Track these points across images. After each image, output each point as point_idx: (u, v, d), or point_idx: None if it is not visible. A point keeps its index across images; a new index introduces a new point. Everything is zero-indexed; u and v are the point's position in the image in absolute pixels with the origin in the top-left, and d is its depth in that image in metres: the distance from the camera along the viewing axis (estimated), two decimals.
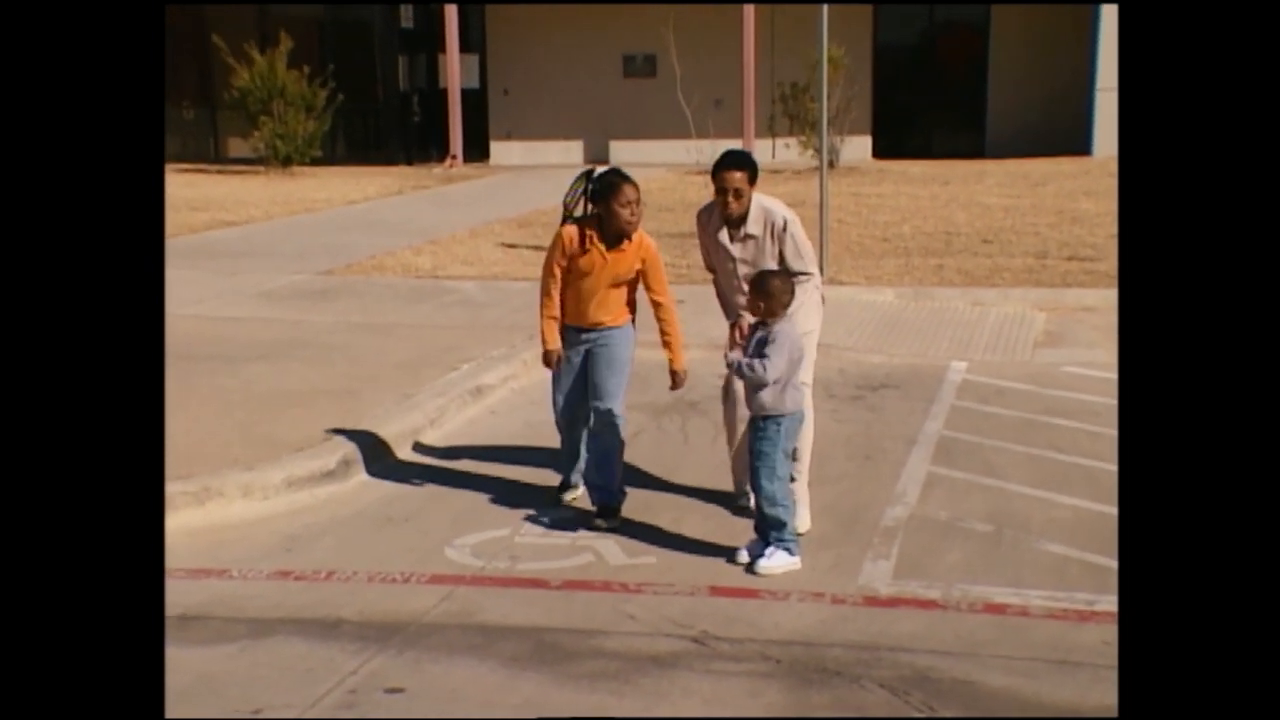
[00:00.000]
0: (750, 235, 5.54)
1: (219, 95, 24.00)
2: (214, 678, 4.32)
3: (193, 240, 14.21)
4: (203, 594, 5.03)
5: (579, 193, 5.71)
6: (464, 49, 24.86)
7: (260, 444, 6.53)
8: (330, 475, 6.27)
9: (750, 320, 5.30)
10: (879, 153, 24.33)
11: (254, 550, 5.52)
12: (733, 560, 5.26)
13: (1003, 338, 9.47)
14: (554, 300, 5.72)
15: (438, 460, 6.73)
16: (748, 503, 5.64)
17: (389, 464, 6.58)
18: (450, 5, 23.85)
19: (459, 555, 5.41)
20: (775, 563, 5.14)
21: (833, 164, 18.92)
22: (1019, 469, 6.47)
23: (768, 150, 24.09)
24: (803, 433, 5.56)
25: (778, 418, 5.14)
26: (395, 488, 6.31)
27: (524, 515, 5.87)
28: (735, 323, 5.48)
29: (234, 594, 5.06)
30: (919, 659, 4.37)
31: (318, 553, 5.48)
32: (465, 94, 24.68)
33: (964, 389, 8.08)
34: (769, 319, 5.17)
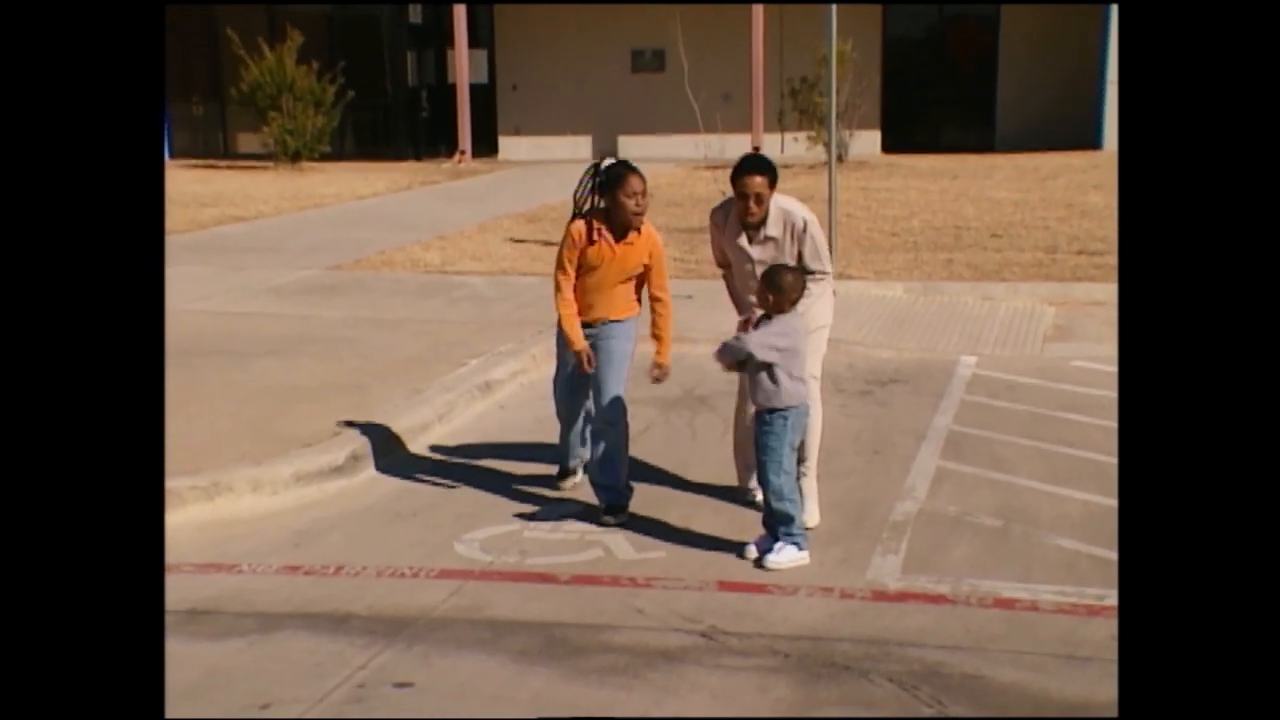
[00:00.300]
0: (770, 237, 5.53)
1: (228, 91, 24.01)
2: (223, 672, 4.33)
3: (202, 236, 14.23)
4: (212, 588, 5.04)
5: (588, 187, 5.71)
6: (473, 44, 24.85)
7: (269, 439, 6.54)
8: (339, 470, 6.28)
9: (758, 315, 5.30)
10: (888, 147, 24.29)
11: (263, 545, 5.52)
12: (741, 555, 5.26)
13: (1012, 332, 9.45)
14: (570, 299, 5.68)
15: (447, 455, 6.73)
16: (755, 497, 5.64)
17: (398, 459, 6.58)
18: (459, 5, 23.84)
19: (468, 550, 5.42)
20: (784, 558, 5.14)
21: (841, 158, 18.91)
22: (1028, 464, 6.46)
23: (776, 145, 24.05)
24: (811, 427, 5.57)
25: (782, 411, 5.14)
26: (404, 483, 6.31)
27: (533, 510, 5.87)
28: (746, 319, 5.47)
29: (243, 588, 5.07)
30: (928, 654, 4.37)
31: (327, 547, 5.49)
32: (474, 89, 24.67)
33: (973, 384, 8.06)
34: (776, 313, 5.17)
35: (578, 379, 5.87)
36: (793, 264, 5.47)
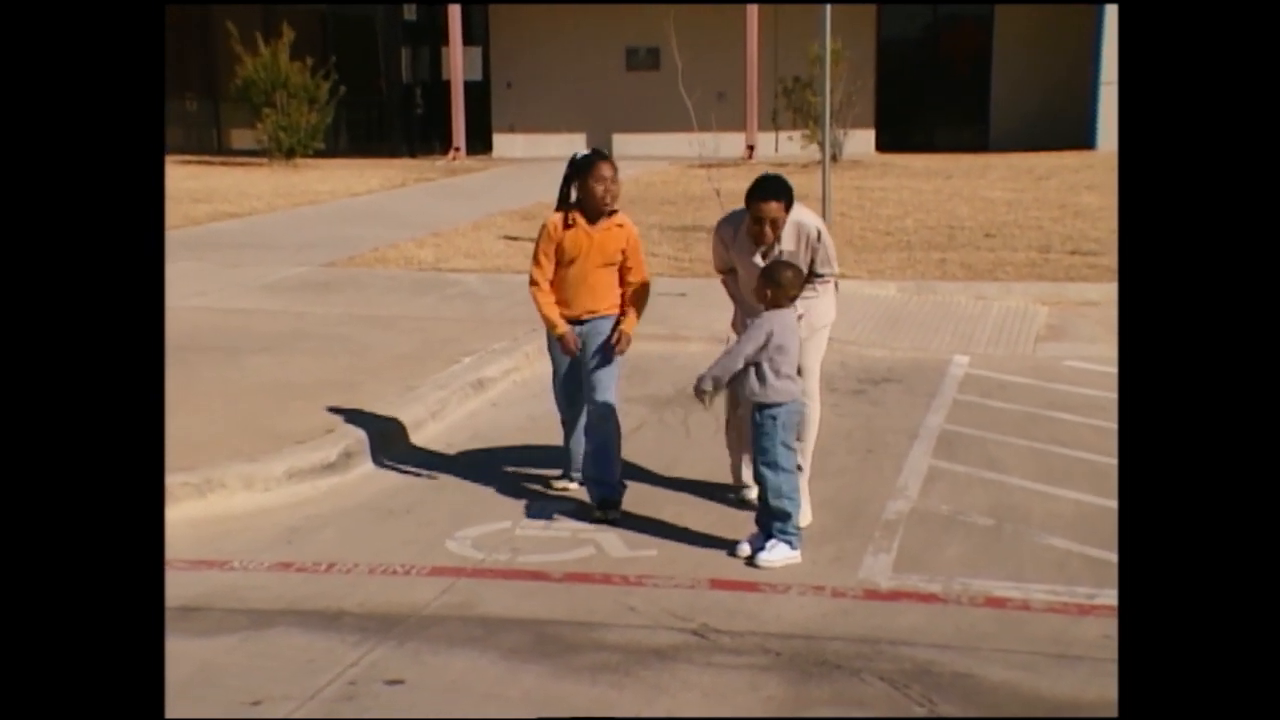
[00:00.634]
0: (784, 252, 5.52)
1: (222, 87, 23.99)
2: (214, 668, 4.32)
3: (196, 232, 14.21)
4: (204, 585, 5.04)
5: (567, 180, 5.77)
6: (467, 41, 24.86)
7: (262, 436, 6.53)
8: (332, 467, 6.27)
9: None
10: (882, 146, 24.31)
11: (255, 542, 5.52)
12: (733, 553, 5.26)
13: (1005, 332, 9.46)
14: (546, 287, 5.77)
15: (439, 453, 6.73)
16: (750, 495, 5.65)
17: (391, 456, 6.58)
18: (454, 3, 23.83)
19: (460, 547, 5.42)
20: (776, 556, 5.14)
21: (836, 158, 18.91)
22: (1020, 463, 6.47)
23: (770, 144, 24.08)
24: (807, 427, 5.57)
25: (772, 408, 5.15)
26: (397, 480, 6.31)
27: (525, 508, 5.87)
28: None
29: (235, 585, 5.06)
30: (919, 652, 4.37)
31: (319, 544, 5.49)
32: (468, 86, 24.68)
33: (966, 383, 8.07)
34: (773, 308, 5.18)
35: (574, 381, 5.87)
36: (804, 269, 5.48)
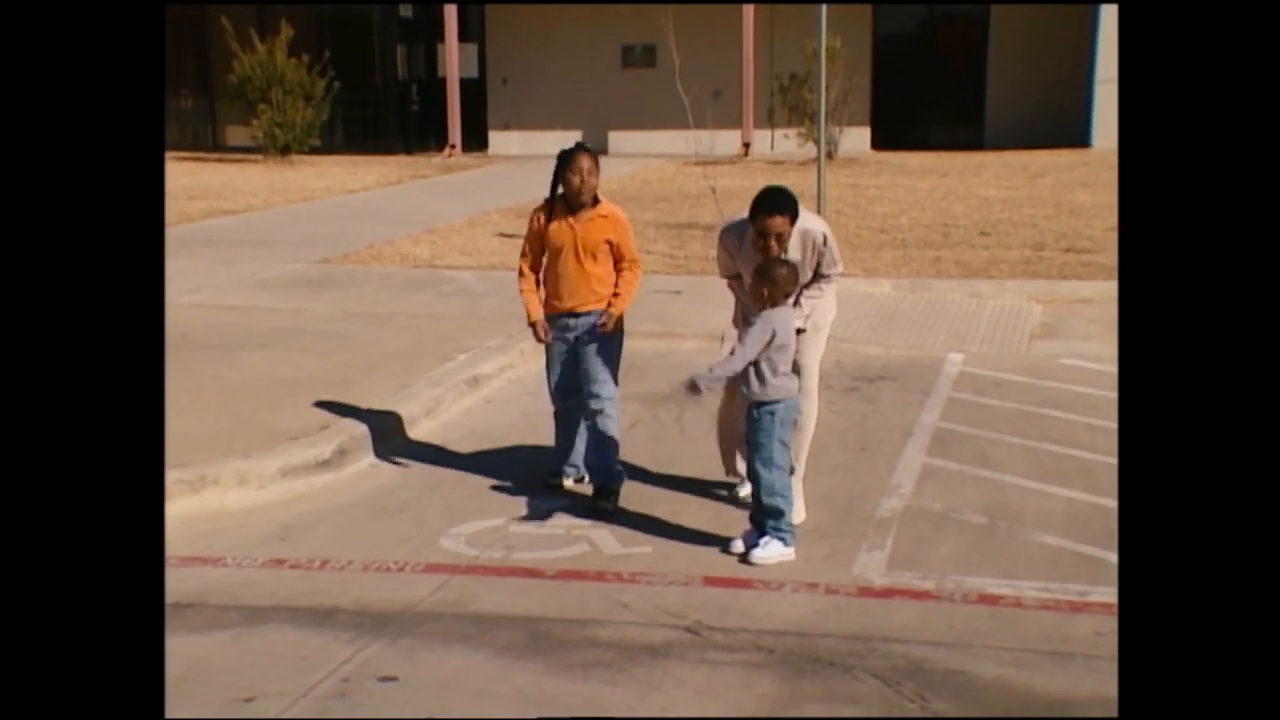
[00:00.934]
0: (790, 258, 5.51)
1: (217, 83, 23.96)
2: (207, 665, 4.32)
3: (190, 229, 14.19)
4: (197, 581, 5.04)
5: (555, 173, 5.83)
6: (463, 38, 24.84)
7: (256, 432, 6.53)
8: (326, 464, 6.27)
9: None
10: (878, 144, 24.32)
11: (249, 538, 5.52)
12: (727, 550, 5.26)
13: (999, 329, 9.47)
14: (529, 276, 5.93)
15: (434, 450, 6.73)
16: (743, 493, 5.66)
17: (385, 453, 6.58)
18: (450, 2, 23.81)
19: (454, 544, 5.42)
20: (769, 553, 5.15)
21: (831, 155, 18.90)
22: (1014, 461, 6.48)
23: (766, 141, 24.09)
24: (803, 425, 5.58)
25: (769, 405, 5.15)
26: (391, 477, 6.31)
27: (519, 505, 5.87)
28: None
29: (228, 582, 5.06)
30: (912, 650, 4.38)
31: (313, 541, 5.49)
32: (464, 83, 24.66)
33: (960, 381, 8.08)
34: (768, 306, 5.17)
35: (566, 374, 5.89)
36: (810, 274, 5.48)
